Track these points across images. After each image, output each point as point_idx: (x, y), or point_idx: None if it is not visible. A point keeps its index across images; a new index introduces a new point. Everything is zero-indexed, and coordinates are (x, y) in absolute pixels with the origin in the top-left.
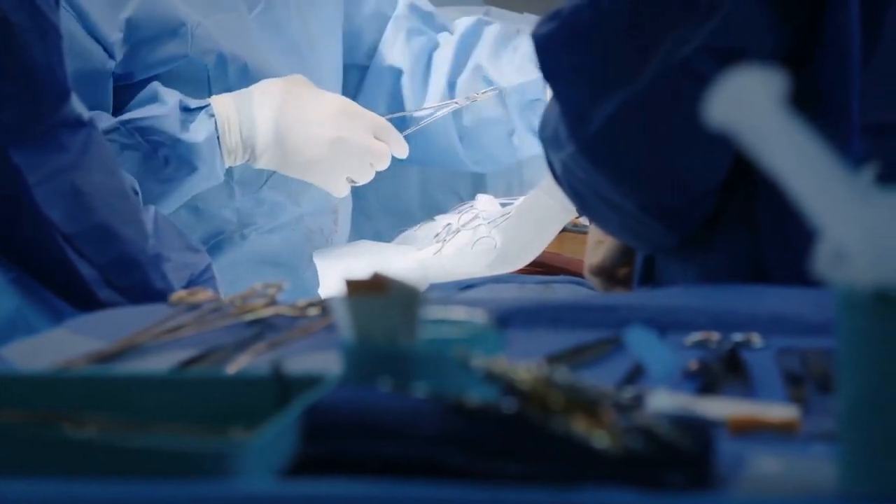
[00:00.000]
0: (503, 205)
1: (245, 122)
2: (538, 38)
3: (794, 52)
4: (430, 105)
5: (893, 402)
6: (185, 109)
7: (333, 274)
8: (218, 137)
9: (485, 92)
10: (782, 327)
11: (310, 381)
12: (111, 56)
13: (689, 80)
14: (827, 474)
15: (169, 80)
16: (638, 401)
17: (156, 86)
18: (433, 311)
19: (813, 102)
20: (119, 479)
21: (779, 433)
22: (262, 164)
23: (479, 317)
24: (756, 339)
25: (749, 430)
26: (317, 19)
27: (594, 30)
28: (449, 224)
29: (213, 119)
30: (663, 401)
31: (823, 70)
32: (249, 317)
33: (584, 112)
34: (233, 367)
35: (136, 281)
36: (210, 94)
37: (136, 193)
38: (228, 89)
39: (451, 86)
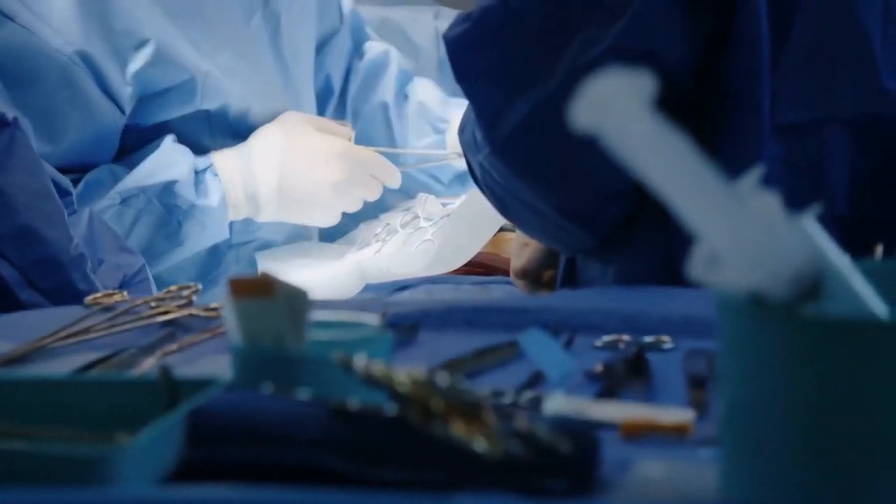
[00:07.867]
0: (444, 204)
1: (248, 179)
2: (450, 40)
3: (706, 54)
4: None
5: (765, 405)
6: (194, 171)
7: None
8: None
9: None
10: (693, 329)
11: (198, 385)
12: (122, 112)
13: None
14: (709, 479)
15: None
16: (535, 404)
17: (169, 142)
18: (324, 314)
19: (725, 104)
20: None
21: (671, 437)
22: (264, 217)
23: (369, 320)
24: (666, 340)
25: (642, 434)
26: (299, 33)
27: (505, 31)
28: (388, 224)
29: (217, 178)
30: (558, 404)
31: (734, 71)
32: (163, 318)
33: (498, 114)
34: (139, 370)
35: (59, 282)
36: (209, 130)
37: (70, 193)
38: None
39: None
